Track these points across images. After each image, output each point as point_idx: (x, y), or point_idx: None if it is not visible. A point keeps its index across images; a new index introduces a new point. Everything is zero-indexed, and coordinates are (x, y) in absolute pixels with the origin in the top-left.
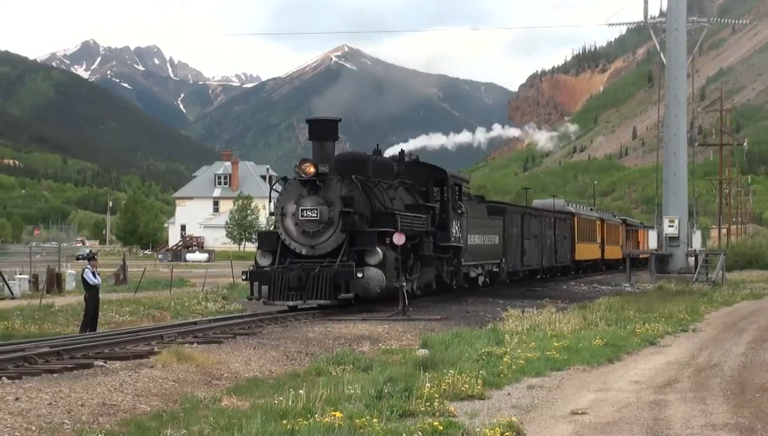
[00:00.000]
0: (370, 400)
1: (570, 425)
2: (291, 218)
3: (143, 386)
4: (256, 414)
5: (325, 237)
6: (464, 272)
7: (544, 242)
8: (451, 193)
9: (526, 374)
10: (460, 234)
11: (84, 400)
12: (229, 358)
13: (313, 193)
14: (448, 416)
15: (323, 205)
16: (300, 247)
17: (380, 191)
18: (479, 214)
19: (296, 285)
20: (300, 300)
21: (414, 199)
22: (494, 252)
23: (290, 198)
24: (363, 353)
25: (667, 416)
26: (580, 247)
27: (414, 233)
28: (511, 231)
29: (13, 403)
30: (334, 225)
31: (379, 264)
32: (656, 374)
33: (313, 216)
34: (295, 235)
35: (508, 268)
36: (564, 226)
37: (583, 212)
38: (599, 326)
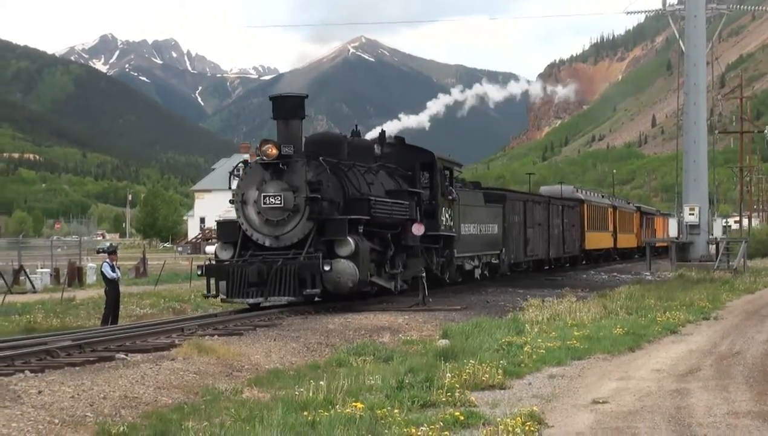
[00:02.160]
0: (391, 391)
1: (591, 414)
2: (253, 205)
3: (164, 378)
4: (277, 405)
5: (291, 226)
6: (458, 264)
7: (551, 230)
8: (440, 177)
9: (547, 363)
10: (451, 222)
11: (106, 393)
12: (250, 350)
13: (277, 178)
14: (469, 406)
15: (288, 190)
16: (263, 238)
17: (355, 175)
18: (475, 202)
19: (256, 280)
20: (261, 297)
21: (397, 184)
22: (493, 242)
23: (251, 184)
24: (383, 343)
25: (689, 404)
26: (591, 235)
27: (394, 222)
28: (512, 220)
29: (36, 396)
30: (300, 213)
31: (350, 256)
32: (678, 362)
33: (277, 203)
34: (258, 224)
35: (510, 259)
36: (572, 213)
37: (593, 199)
38: (620, 315)
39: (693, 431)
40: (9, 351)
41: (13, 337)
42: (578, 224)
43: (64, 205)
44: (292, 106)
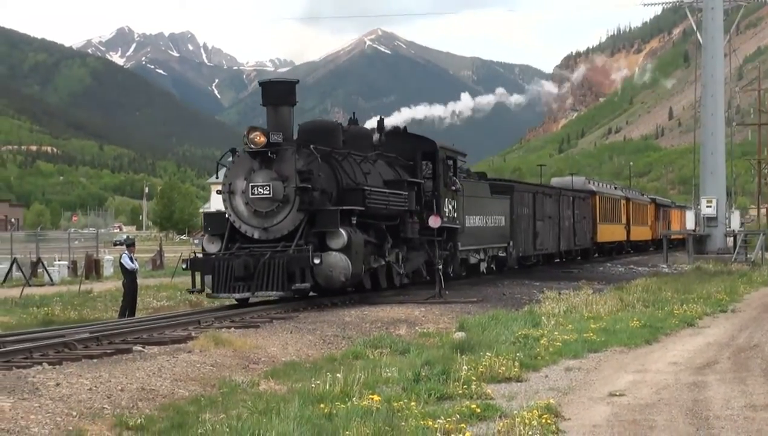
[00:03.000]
0: (408, 383)
1: (608, 407)
2: (241, 196)
3: (181, 370)
4: (293, 398)
5: (280, 218)
6: (463, 258)
7: (562, 223)
8: (442, 167)
9: (564, 356)
10: (455, 214)
11: (123, 385)
12: (266, 342)
13: (266, 167)
14: (485, 399)
15: (277, 180)
16: (252, 230)
17: (350, 164)
18: (480, 193)
19: (243, 274)
20: (248, 292)
21: (396, 174)
22: (500, 235)
23: (239, 173)
24: (400, 336)
25: (706, 397)
26: (603, 228)
27: (391, 213)
28: (520, 212)
29: (54, 389)
30: (289, 203)
31: (343, 248)
32: (695, 355)
33: (266, 193)
34: (246, 216)
35: (518, 252)
36: (584, 205)
37: (605, 190)
38: (636, 308)
39: (710, 424)
40: (27, 343)
41: (31, 329)
42: (590, 216)
43: (81, 197)
44: (282, 92)
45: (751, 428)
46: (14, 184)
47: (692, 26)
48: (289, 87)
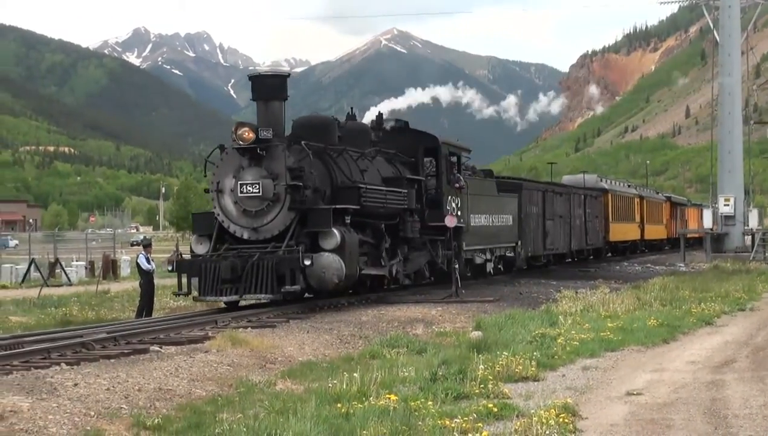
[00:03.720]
0: (425, 383)
1: (626, 406)
2: (229, 194)
3: (198, 370)
4: (310, 397)
5: (270, 217)
6: (468, 258)
7: (573, 222)
8: (445, 163)
9: (581, 355)
10: (459, 212)
11: (141, 385)
12: (283, 342)
13: (255, 165)
14: (502, 398)
15: (266, 178)
16: (241, 230)
17: (346, 161)
18: (486, 191)
19: (230, 277)
20: (236, 295)
21: (396, 171)
22: (507, 234)
23: (228, 171)
24: (417, 335)
25: (725, 396)
26: (615, 227)
27: (390, 212)
28: (529, 211)
29: (72, 389)
30: (280, 202)
31: (336, 248)
32: (713, 354)
33: (255, 192)
34: (235, 216)
35: (527, 252)
36: (596, 204)
37: (618, 189)
38: (653, 306)
39: (729, 423)
40: (46, 344)
41: (49, 329)
42: (602, 214)
43: (98, 198)
44: (273, 86)
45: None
46: (32, 184)
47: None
48: (280, 81)
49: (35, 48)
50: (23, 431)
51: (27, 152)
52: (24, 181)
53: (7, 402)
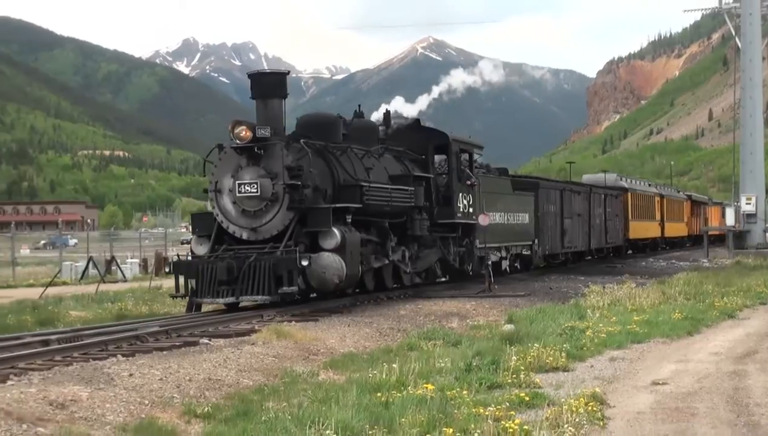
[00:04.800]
0: (460, 373)
1: (651, 395)
2: (228, 194)
3: (245, 361)
4: (351, 387)
5: (269, 217)
6: (481, 255)
7: (592, 220)
8: (456, 161)
9: (608, 346)
10: (471, 210)
11: (191, 375)
12: (325, 334)
13: (253, 164)
14: (533, 388)
15: (265, 177)
16: (240, 230)
17: (350, 159)
18: (500, 189)
19: (226, 278)
20: (232, 297)
21: (405, 169)
22: (523, 232)
23: (226, 171)
24: (452, 328)
25: (747, 385)
26: (635, 225)
27: (395, 210)
28: (546, 209)
29: (128, 379)
30: (278, 202)
31: (336, 248)
32: (735, 345)
33: (253, 192)
34: (234, 216)
35: (544, 251)
36: (615, 202)
37: (638, 188)
38: (678, 301)
39: (750, 411)
40: (103, 336)
41: (106, 323)
42: (622, 213)
43: (150, 199)
44: (272, 84)
45: None
46: (90, 186)
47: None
48: (279, 78)
49: (92, 58)
50: (83, 418)
51: (85, 156)
52: (82, 183)
53: (67, 391)
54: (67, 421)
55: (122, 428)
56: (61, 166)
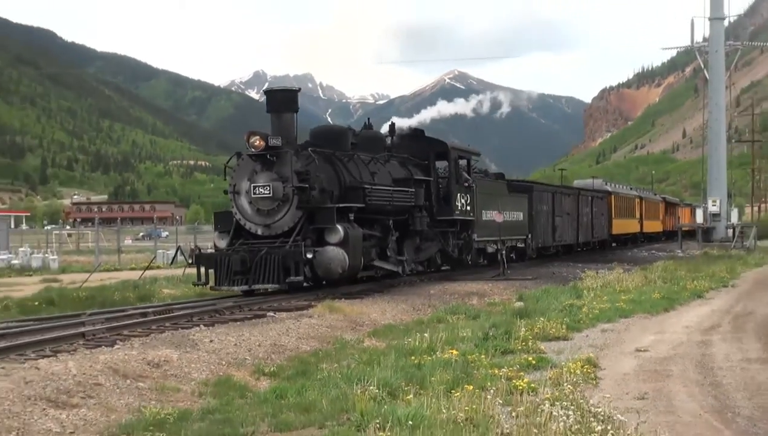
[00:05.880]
0: (479, 341)
1: (635, 360)
2: (245, 196)
3: (304, 331)
4: (390, 352)
5: (280, 215)
6: (480, 247)
7: (580, 218)
8: (454, 166)
9: (600, 320)
10: (468, 208)
11: (260, 341)
12: (369, 309)
13: (266, 169)
14: (539, 353)
15: (277, 181)
16: (255, 227)
17: (356, 164)
18: (497, 191)
19: (240, 269)
20: (245, 285)
21: (408, 173)
22: (518, 228)
23: (243, 175)
24: (472, 305)
25: (711, 352)
26: (618, 222)
27: (397, 208)
28: (539, 208)
29: (209, 344)
30: (289, 202)
31: (340, 242)
32: (703, 320)
33: (266, 193)
34: (250, 214)
35: (537, 244)
36: (601, 203)
37: (621, 191)
38: (657, 283)
39: (714, 373)
40: (189, 310)
41: (191, 300)
42: (606, 212)
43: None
44: (285, 100)
45: (746, 376)
46: (178, 189)
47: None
48: (291, 95)
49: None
50: (173, 375)
51: (174, 165)
52: (172, 187)
53: (161, 354)
54: (161, 377)
55: (204, 383)
56: (155, 173)
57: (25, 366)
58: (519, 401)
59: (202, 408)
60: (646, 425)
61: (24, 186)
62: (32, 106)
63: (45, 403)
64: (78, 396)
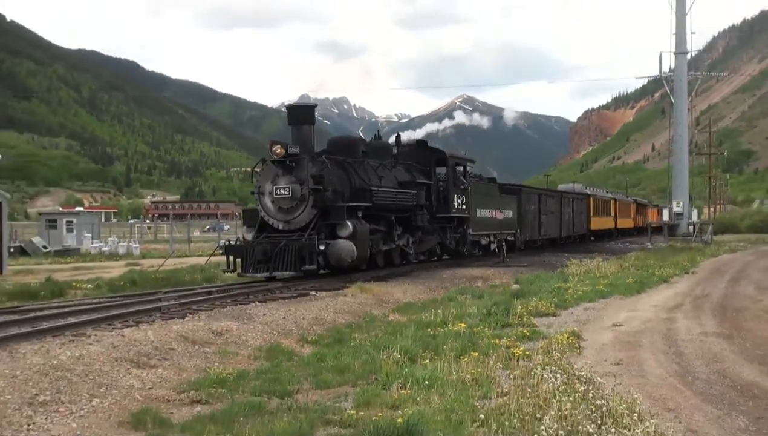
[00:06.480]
0: (483, 316)
1: (611, 333)
2: (268, 196)
3: (340, 307)
4: (410, 325)
5: (298, 212)
6: (475, 240)
7: (563, 217)
8: (451, 171)
9: (583, 300)
10: (464, 206)
11: (304, 315)
12: (393, 290)
13: (287, 173)
14: (532, 327)
15: (295, 183)
16: (277, 222)
17: (365, 169)
18: (489, 193)
19: (262, 258)
20: (266, 272)
21: (411, 177)
22: (508, 224)
23: (267, 178)
24: (478, 287)
25: (675, 327)
26: (595, 220)
27: (400, 207)
28: (527, 208)
29: (262, 317)
30: (305, 201)
31: (349, 236)
32: (668, 300)
33: (286, 194)
34: (273, 211)
35: (525, 237)
36: (581, 204)
37: (598, 194)
38: (630, 270)
39: (678, 344)
40: (246, 289)
41: (247, 282)
42: (585, 211)
43: None
44: (303, 114)
45: (703, 347)
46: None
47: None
48: (309, 110)
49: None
50: (233, 342)
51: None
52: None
53: (223, 325)
54: (223, 344)
55: (258, 349)
56: (219, 178)
57: (113, 334)
58: (516, 366)
59: (257, 369)
60: (621, 387)
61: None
62: (119, 123)
63: (129, 364)
64: (155, 358)
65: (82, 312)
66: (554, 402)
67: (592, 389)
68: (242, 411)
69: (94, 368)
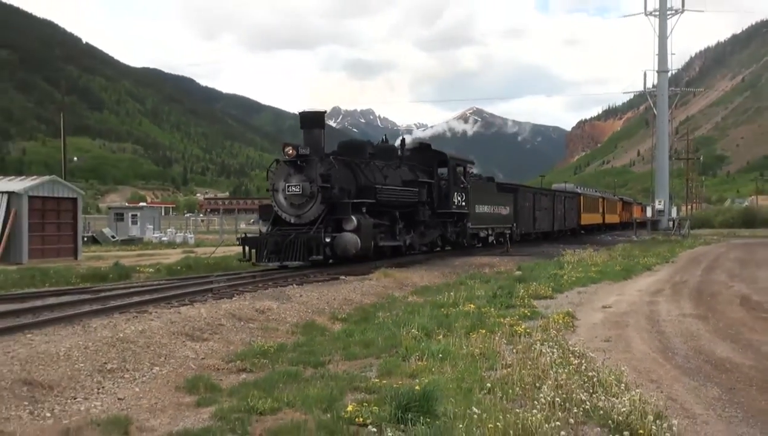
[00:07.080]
0: (489, 298)
1: (601, 313)
2: (281, 193)
3: (366, 289)
4: (426, 305)
5: (308, 208)
6: (474, 233)
7: (556, 213)
8: (452, 171)
9: (577, 285)
10: (463, 203)
11: (335, 296)
12: (412, 275)
13: (298, 172)
14: (532, 308)
15: (305, 181)
16: (289, 217)
17: (371, 169)
18: (488, 191)
19: (273, 249)
20: (278, 262)
21: (415, 176)
22: (506, 219)
23: (280, 176)
24: (485, 273)
25: (657, 309)
26: (585, 215)
27: (403, 203)
28: (523, 204)
29: (299, 297)
30: (314, 198)
31: (354, 230)
32: (651, 286)
33: (297, 191)
34: (285, 207)
35: (520, 231)
36: (572, 202)
37: (588, 193)
38: (618, 259)
39: (659, 324)
40: (285, 274)
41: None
42: (576, 208)
43: None
44: (314, 119)
45: (682, 326)
46: None
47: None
48: (319, 115)
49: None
50: (274, 319)
51: None
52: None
53: (265, 304)
54: (265, 320)
55: (296, 325)
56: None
57: (171, 311)
58: (518, 342)
59: (294, 342)
60: (610, 360)
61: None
62: (178, 131)
63: (184, 337)
64: (207, 333)
65: (145, 292)
66: (551, 373)
67: (585, 362)
68: (281, 379)
69: (155, 341)
